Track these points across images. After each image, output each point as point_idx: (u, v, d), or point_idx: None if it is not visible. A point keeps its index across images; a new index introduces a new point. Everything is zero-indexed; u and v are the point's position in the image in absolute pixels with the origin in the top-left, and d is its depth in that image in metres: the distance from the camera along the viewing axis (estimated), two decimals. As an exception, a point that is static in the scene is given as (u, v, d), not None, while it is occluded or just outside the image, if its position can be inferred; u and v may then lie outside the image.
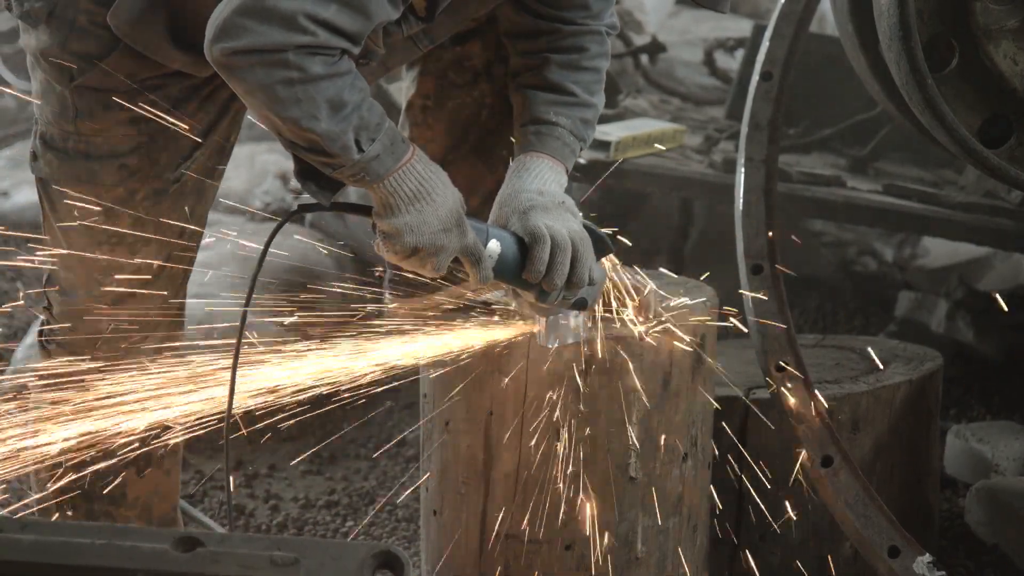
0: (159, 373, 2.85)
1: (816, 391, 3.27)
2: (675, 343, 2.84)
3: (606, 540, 2.84)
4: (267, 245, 2.69)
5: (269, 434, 3.67)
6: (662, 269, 3.08)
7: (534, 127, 2.83)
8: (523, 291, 2.75)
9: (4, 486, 3.92)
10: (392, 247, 2.60)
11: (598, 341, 2.79)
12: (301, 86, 2.42)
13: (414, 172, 2.57)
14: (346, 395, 2.81)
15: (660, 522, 2.89)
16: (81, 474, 2.92)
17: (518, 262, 2.70)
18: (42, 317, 2.97)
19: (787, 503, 3.39)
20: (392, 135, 2.54)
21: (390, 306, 3.01)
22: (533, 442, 2.82)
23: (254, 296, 2.76)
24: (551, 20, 2.86)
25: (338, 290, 2.95)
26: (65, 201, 2.81)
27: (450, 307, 2.93)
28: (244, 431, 2.80)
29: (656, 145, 4.44)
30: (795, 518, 3.24)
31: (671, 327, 2.83)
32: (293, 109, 2.44)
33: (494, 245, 2.67)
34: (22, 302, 2.93)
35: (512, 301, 2.87)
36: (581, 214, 2.78)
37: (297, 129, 2.46)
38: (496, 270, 2.68)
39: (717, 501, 3.12)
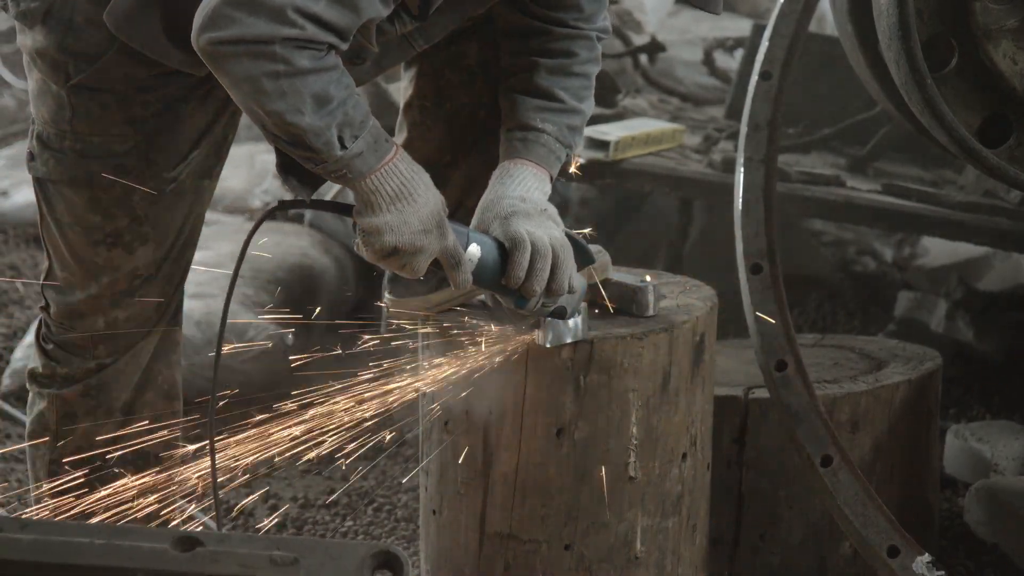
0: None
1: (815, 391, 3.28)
2: (675, 341, 2.84)
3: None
4: (248, 240, 2.69)
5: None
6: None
7: (520, 133, 2.83)
8: (502, 297, 2.74)
9: (4, 485, 3.92)
10: (371, 246, 2.59)
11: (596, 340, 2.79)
12: (287, 79, 2.43)
13: (396, 172, 2.57)
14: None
15: (660, 521, 2.89)
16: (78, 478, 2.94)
17: (498, 267, 2.69)
18: (41, 317, 2.96)
19: (786, 503, 3.39)
20: (376, 133, 2.55)
21: (389, 307, 3.01)
22: (533, 442, 2.82)
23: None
24: (544, 21, 2.86)
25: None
26: (62, 201, 2.81)
27: (447, 313, 2.92)
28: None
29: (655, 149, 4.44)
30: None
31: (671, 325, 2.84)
32: (278, 102, 2.44)
33: (474, 249, 2.66)
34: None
35: (492, 309, 2.86)
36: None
37: (281, 123, 2.46)
38: (476, 275, 2.67)
39: (717, 501, 3.12)
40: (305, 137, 2.48)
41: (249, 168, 5.81)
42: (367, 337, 2.89)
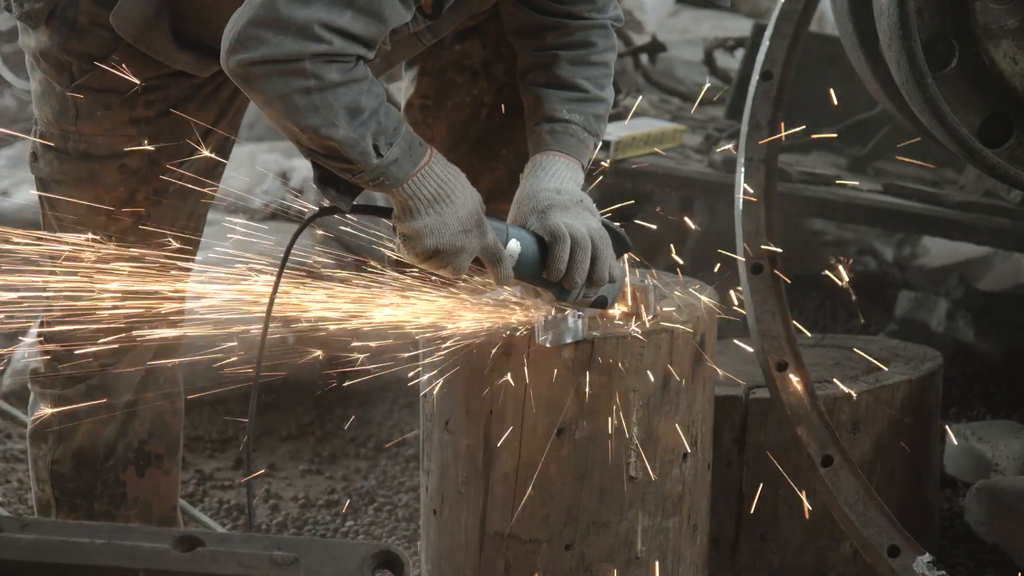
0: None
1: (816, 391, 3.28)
2: (676, 341, 2.84)
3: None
4: (289, 247, 2.69)
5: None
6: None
7: (548, 125, 2.83)
8: (543, 290, 2.75)
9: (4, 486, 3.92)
10: (412, 249, 2.60)
11: (597, 341, 2.79)
12: (319, 94, 2.43)
13: (433, 174, 2.58)
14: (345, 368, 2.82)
15: (660, 521, 2.90)
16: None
17: (538, 261, 2.69)
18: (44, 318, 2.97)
19: (786, 502, 3.39)
20: (410, 139, 2.55)
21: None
22: (533, 442, 2.82)
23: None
24: (557, 16, 2.86)
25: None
26: (65, 201, 2.81)
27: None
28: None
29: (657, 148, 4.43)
30: (809, 512, 3.24)
31: (672, 325, 2.84)
32: (312, 117, 2.44)
33: (514, 245, 2.67)
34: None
35: (530, 300, 2.85)
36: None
37: (316, 137, 2.46)
38: (516, 269, 2.68)
39: (717, 501, 3.12)
40: (341, 149, 2.48)
41: (251, 168, 5.81)
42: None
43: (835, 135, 4.57)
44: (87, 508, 2.98)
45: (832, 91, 3.70)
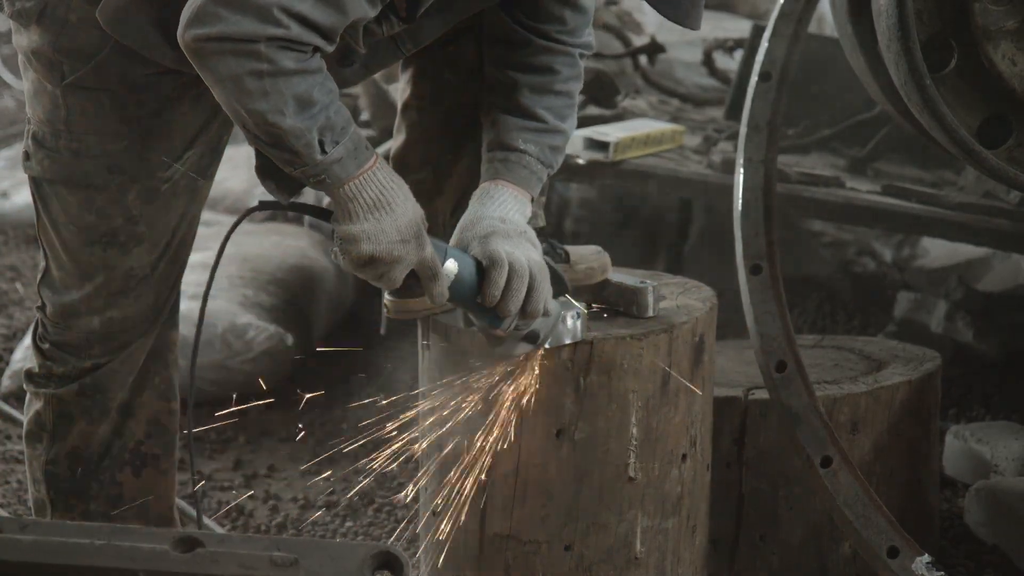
0: None
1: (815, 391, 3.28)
2: (675, 341, 2.84)
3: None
4: (226, 239, 2.69)
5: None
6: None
7: (502, 154, 2.83)
8: (476, 316, 2.73)
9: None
10: (348, 254, 2.58)
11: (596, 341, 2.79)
12: (270, 79, 2.43)
13: (375, 180, 2.57)
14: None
15: (659, 522, 2.90)
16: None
17: (474, 285, 2.67)
18: (37, 317, 2.96)
19: (786, 503, 3.39)
20: (356, 140, 2.54)
21: (388, 307, 3.00)
22: (533, 443, 2.82)
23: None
24: (527, 30, 2.85)
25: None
26: (57, 200, 2.81)
27: (448, 314, 2.92)
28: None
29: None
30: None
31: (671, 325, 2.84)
32: (260, 102, 2.44)
33: (451, 265, 2.65)
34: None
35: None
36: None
37: (263, 122, 2.46)
38: (452, 290, 2.66)
39: (717, 502, 3.12)
40: (286, 138, 2.48)
41: (249, 169, 5.80)
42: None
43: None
44: (82, 508, 2.98)
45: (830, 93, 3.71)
